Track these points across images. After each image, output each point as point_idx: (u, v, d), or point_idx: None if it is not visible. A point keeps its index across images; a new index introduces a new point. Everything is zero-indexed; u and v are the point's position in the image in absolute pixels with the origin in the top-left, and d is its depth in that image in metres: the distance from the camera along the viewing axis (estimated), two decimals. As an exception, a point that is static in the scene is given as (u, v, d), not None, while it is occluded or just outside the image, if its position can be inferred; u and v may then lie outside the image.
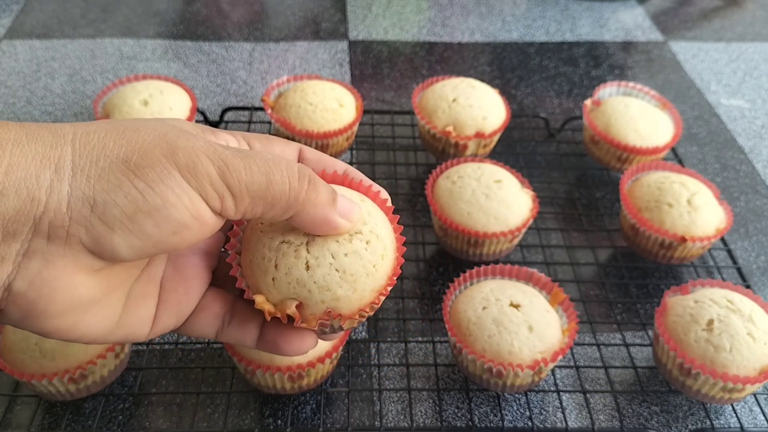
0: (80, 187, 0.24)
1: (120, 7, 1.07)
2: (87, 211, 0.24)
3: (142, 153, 0.24)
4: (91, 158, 0.24)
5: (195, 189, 0.25)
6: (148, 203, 0.24)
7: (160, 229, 0.25)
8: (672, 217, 0.63)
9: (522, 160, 0.80)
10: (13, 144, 0.23)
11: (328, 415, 0.54)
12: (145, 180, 0.24)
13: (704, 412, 0.56)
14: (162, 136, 0.25)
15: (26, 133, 0.24)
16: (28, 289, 0.24)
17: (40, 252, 0.24)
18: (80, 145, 0.24)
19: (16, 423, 0.52)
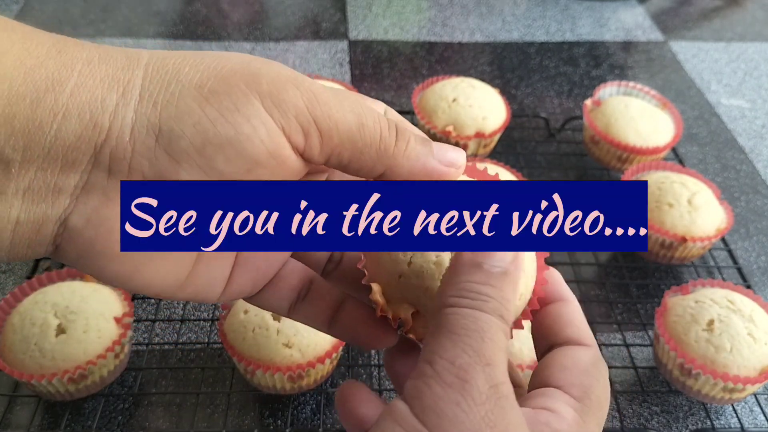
0: (145, 113, 0.22)
1: (120, 7, 1.07)
2: (151, 141, 0.22)
3: (219, 78, 0.22)
4: (162, 83, 0.22)
5: (276, 120, 0.22)
6: (219, 134, 0.22)
7: (232, 165, 0.22)
8: (672, 217, 0.63)
9: (522, 159, 0.80)
10: (83, 63, 0.22)
11: (328, 416, 0.53)
12: (219, 108, 0.22)
13: (705, 413, 0.56)
14: (246, 62, 0.23)
15: (99, 54, 0.22)
16: (86, 226, 0.22)
17: (100, 187, 0.22)
18: (153, 69, 0.22)
19: (15, 423, 0.51)
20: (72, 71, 0.21)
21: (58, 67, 0.21)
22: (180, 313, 0.61)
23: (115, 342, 0.50)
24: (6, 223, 0.21)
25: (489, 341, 0.21)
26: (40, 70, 0.21)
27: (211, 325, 0.59)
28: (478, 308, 0.22)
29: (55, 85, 0.21)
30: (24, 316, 0.50)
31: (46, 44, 0.21)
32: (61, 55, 0.21)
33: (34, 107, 0.21)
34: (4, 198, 0.21)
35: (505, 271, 0.23)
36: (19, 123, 0.20)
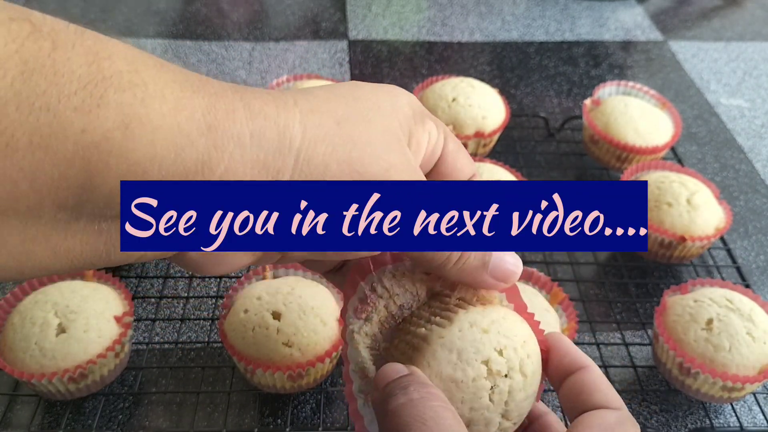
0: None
1: (120, 7, 1.07)
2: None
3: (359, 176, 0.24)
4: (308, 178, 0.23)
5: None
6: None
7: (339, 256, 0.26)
8: (671, 216, 0.63)
9: (522, 159, 0.80)
10: (234, 144, 0.22)
11: (328, 415, 0.54)
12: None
13: (704, 412, 0.56)
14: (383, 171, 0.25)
15: (251, 134, 0.22)
16: (200, 258, 0.24)
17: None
18: (304, 161, 0.23)
19: (16, 422, 0.52)
20: (222, 154, 0.21)
21: (209, 148, 0.21)
22: (180, 312, 0.61)
23: (116, 341, 0.50)
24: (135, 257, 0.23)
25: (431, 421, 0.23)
26: (190, 150, 0.21)
27: (211, 324, 0.59)
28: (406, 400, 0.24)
29: (205, 168, 0.21)
30: (24, 316, 0.50)
31: (197, 115, 0.21)
32: (211, 131, 0.21)
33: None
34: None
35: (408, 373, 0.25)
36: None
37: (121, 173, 0.20)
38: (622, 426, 0.26)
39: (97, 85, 0.19)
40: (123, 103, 0.19)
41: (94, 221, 0.21)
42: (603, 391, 0.27)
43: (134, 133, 0.20)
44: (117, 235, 0.22)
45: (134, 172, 0.20)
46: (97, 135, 0.19)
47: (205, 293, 0.63)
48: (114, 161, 0.19)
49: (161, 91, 0.20)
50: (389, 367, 0.26)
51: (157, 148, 0.20)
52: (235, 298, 0.53)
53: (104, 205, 0.20)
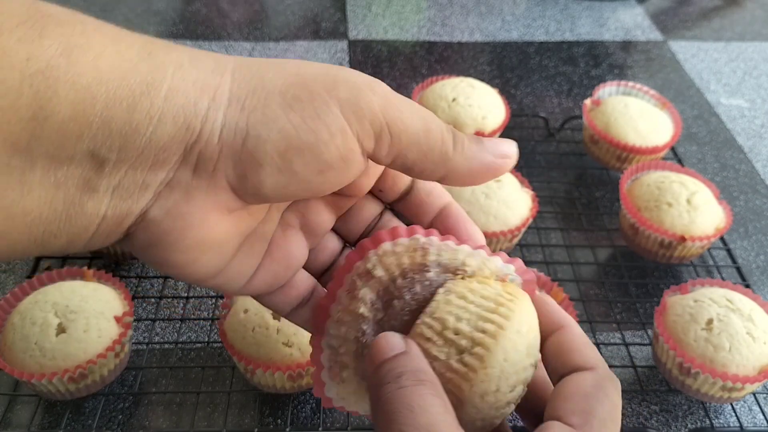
0: (234, 118, 0.23)
1: (119, 7, 1.07)
2: (238, 143, 0.23)
3: (301, 85, 0.23)
4: (248, 88, 0.23)
5: (352, 127, 0.24)
6: (301, 139, 0.23)
7: (307, 167, 0.24)
8: (671, 216, 0.63)
9: (521, 159, 0.80)
10: (174, 67, 0.22)
11: (328, 415, 0.54)
12: (301, 115, 0.23)
13: (704, 412, 0.56)
14: (324, 69, 0.24)
15: (189, 57, 0.23)
16: (164, 219, 0.23)
17: (184, 184, 0.23)
18: (240, 74, 0.23)
19: (16, 422, 0.52)
20: (165, 75, 0.22)
21: (151, 70, 0.22)
22: (180, 312, 0.61)
23: (116, 341, 0.50)
24: (94, 218, 0.23)
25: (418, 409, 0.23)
26: (134, 73, 0.21)
27: (211, 324, 0.59)
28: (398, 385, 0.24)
29: (150, 89, 0.22)
30: (24, 316, 0.50)
31: (135, 46, 0.22)
32: (152, 57, 0.22)
33: (131, 111, 0.21)
34: (95, 195, 0.22)
35: (403, 352, 0.25)
36: (117, 126, 0.21)
37: (69, 99, 0.20)
38: (599, 387, 0.25)
39: (38, 21, 0.20)
40: (64, 33, 0.20)
41: (49, 169, 0.21)
42: (579, 350, 0.27)
43: (78, 58, 0.20)
44: (74, 189, 0.22)
45: (83, 97, 0.20)
46: (41, 62, 0.20)
47: (205, 293, 0.63)
48: (62, 87, 0.20)
49: (100, 28, 0.22)
50: (385, 339, 0.25)
51: (102, 72, 0.21)
52: (235, 298, 0.53)
53: (58, 140, 0.21)
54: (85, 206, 0.22)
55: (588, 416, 0.24)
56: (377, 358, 0.25)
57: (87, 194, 0.22)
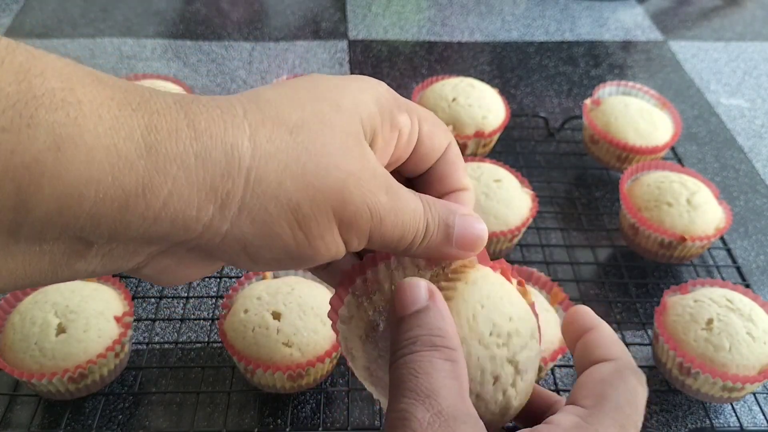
0: (241, 228, 0.23)
1: (120, 7, 1.07)
2: (239, 248, 0.23)
3: (312, 203, 0.23)
4: (262, 202, 0.22)
5: (344, 239, 0.25)
6: (300, 254, 0.24)
7: (299, 264, 0.25)
8: (671, 216, 0.63)
9: (521, 159, 0.80)
10: (177, 167, 0.21)
11: (328, 415, 0.54)
12: (306, 233, 0.24)
13: (704, 412, 0.56)
14: (340, 182, 0.23)
15: (195, 152, 0.21)
16: (152, 274, 0.25)
17: (178, 255, 0.24)
18: (255, 181, 0.22)
19: (16, 422, 0.52)
20: (165, 178, 0.20)
21: (150, 171, 0.20)
22: (180, 312, 0.61)
23: (115, 341, 0.50)
24: (82, 275, 0.23)
25: (423, 375, 0.23)
26: (130, 174, 0.20)
27: (211, 324, 0.59)
28: (409, 352, 0.24)
29: (146, 191, 0.20)
30: (24, 316, 0.50)
31: (136, 135, 0.20)
32: (152, 154, 0.20)
33: (123, 212, 0.20)
34: (83, 260, 0.22)
35: (423, 308, 0.25)
36: (106, 223, 0.20)
37: (55, 196, 0.19)
38: (617, 374, 0.25)
39: (27, 104, 0.18)
40: (55, 123, 0.18)
41: (34, 244, 0.20)
42: (605, 345, 0.27)
43: (67, 154, 0.19)
44: (61, 256, 0.21)
45: (69, 194, 0.19)
46: (27, 156, 0.18)
47: (205, 293, 0.63)
48: (47, 183, 0.19)
49: (97, 111, 0.19)
50: (410, 288, 0.26)
51: (92, 171, 0.19)
52: (235, 298, 0.53)
53: (41, 228, 0.20)
54: (74, 267, 0.22)
55: (601, 398, 0.24)
56: (400, 311, 0.25)
57: (75, 259, 0.22)
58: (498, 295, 0.27)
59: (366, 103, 0.26)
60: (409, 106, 0.28)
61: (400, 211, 0.25)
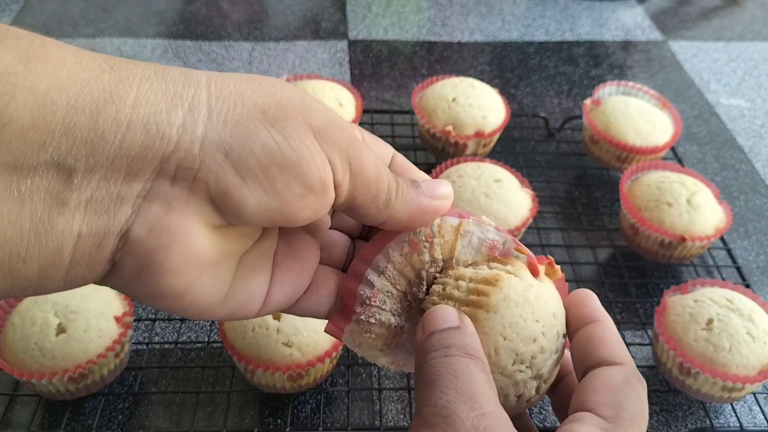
0: (216, 129, 0.22)
1: (120, 7, 1.07)
2: (221, 156, 0.22)
3: (279, 107, 0.23)
4: (228, 103, 0.23)
5: (326, 153, 0.24)
6: (284, 156, 0.23)
7: (289, 188, 0.23)
8: (671, 216, 0.63)
9: (521, 159, 0.80)
10: (140, 79, 0.22)
11: (328, 415, 0.54)
12: (283, 133, 0.23)
13: (704, 412, 0.56)
14: (299, 96, 0.24)
15: (155, 72, 0.22)
16: (147, 236, 0.22)
17: (162, 195, 0.22)
18: (216, 89, 0.23)
19: (16, 422, 0.52)
20: (130, 85, 0.21)
21: (115, 81, 0.21)
22: (180, 312, 0.61)
23: (116, 341, 0.50)
24: (68, 237, 0.21)
25: (462, 377, 0.23)
26: (96, 82, 0.21)
27: (211, 324, 0.59)
28: (445, 354, 0.24)
29: (115, 97, 0.21)
30: (24, 316, 0.50)
31: (97, 60, 0.21)
32: (115, 70, 0.21)
33: (95, 118, 0.20)
34: (66, 210, 0.21)
35: (456, 327, 0.25)
36: (81, 133, 0.20)
37: (29, 105, 0.19)
38: (629, 384, 0.25)
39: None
40: (22, 45, 0.20)
41: (11, 182, 0.20)
42: (610, 345, 0.27)
43: (37, 66, 0.20)
44: (42, 205, 0.20)
45: (42, 103, 0.20)
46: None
47: (205, 293, 0.63)
48: (20, 93, 0.19)
49: (60, 45, 0.21)
50: (441, 311, 0.25)
51: (61, 81, 0.20)
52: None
53: (19, 148, 0.20)
54: (56, 223, 0.21)
55: (619, 410, 0.24)
56: (429, 328, 0.25)
57: (56, 209, 0.21)
58: (522, 318, 0.26)
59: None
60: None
61: (366, 145, 0.26)
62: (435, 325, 0.25)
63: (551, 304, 0.28)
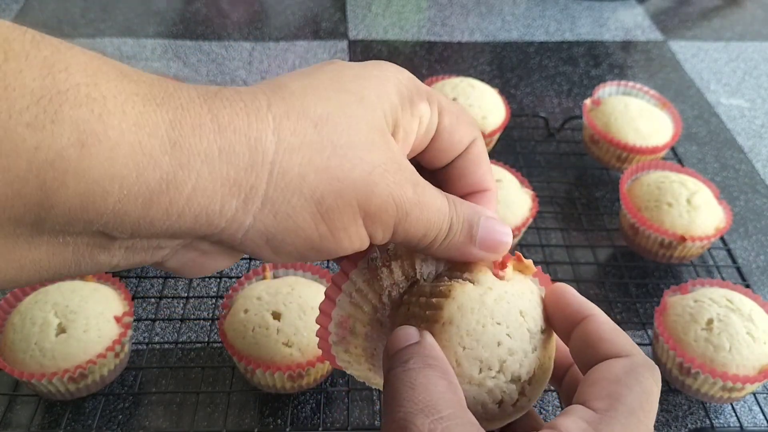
0: (264, 221, 0.23)
1: (120, 7, 1.07)
2: (262, 241, 0.23)
3: (337, 195, 0.23)
4: (285, 194, 0.22)
5: (369, 232, 0.25)
6: (322, 247, 0.24)
7: (320, 257, 0.25)
8: (672, 216, 0.63)
9: (521, 159, 0.80)
10: (201, 162, 0.21)
11: (328, 415, 0.54)
12: (330, 226, 0.24)
13: (704, 412, 0.56)
14: (366, 175, 0.23)
15: (219, 148, 0.21)
16: (176, 266, 0.25)
17: (201, 248, 0.24)
18: (278, 174, 0.22)
19: (16, 422, 0.52)
20: (190, 172, 0.20)
21: (174, 167, 0.20)
22: (180, 312, 0.61)
23: (116, 341, 0.50)
24: (105, 267, 0.23)
25: (420, 387, 0.23)
26: (154, 169, 0.20)
27: (211, 324, 0.59)
28: (402, 369, 0.24)
29: (170, 187, 0.20)
30: (24, 316, 0.50)
31: (160, 131, 0.20)
32: (176, 149, 0.20)
33: (147, 208, 0.20)
34: (107, 252, 0.22)
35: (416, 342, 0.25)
36: (129, 220, 0.20)
37: (79, 192, 0.19)
38: (631, 374, 0.24)
39: (52, 100, 0.18)
40: (79, 119, 0.18)
41: (57, 236, 0.20)
42: (609, 339, 0.26)
43: (91, 151, 0.19)
44: (85, 247, 0.21)
45: (93, 191, 0.19)
46: (51, 153, 0.18)
47: (205, 293, 0.63)
48: (71, 180, 0.19)
49: (122, 106, 0.19)
50: (401, 331, 0.26)
51: (116, 167, 0.19)
52: (235, 298, 0.53)
53: (65, 222, 0.20)
54: (97, 258, 0.22)
55: (614, 401, 0.23)
56: (392, 348, 0.25)
57: (98, 251, 0.22)
58: (480, 324, 0.26)
59: (388, 93, 0.25)
60: (430, 95, 0.27)
61: (426, 206, 0.25)
62: (397, 346, 0.25)
63: (516, 303, 0.27)
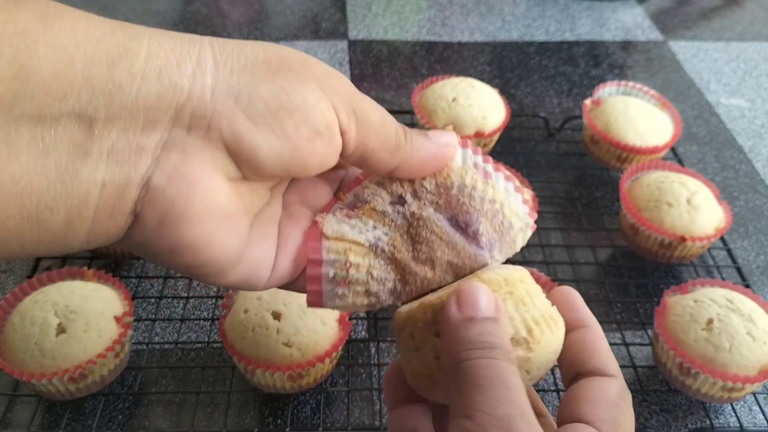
0: (224, 78, 0.24)
1: (119, 7, 1.07)
2: (231, 102, 0.24)
3: (280, 58, 0.25)
4: (231, 57, 0.24)
5: (329, 98, 0.25)
6: (291, 100, 0.24)
7: (298, 131, 0.25)
8: (671, 216, 0.63)
9: (521, 159, 0.80)
10: (149, 37, 0.23)
11: (328, 415, 0.54)
12: (287, 80, 0.24)
13: (704, 412, 0.56)
14: (294, 52, 0.26)
15: (162, 32, 0.24)
16: (167, 184, 0.23)
17: (180, 143, 0.23)
18: (218, 46, 0.24)
19: (16, 422, 0.52)
20: (141, 42, 0.23)
21: (127, 38, 0.22)
22: (180, 312, 0.61)
23: (116, 341, 0.50)
24: (92, 187, 0.22)
25: (513, 387, 0.23)
26: (110, 39, 0.22)
27: (211, 324, 0.59)
28: (490, 356, 0.23)
29: (128, 52, 0.22)
30: (24, 316, 0.50)
31: (108, 21, 0.23)
32: (125, 29, 0.23)
33: (111, 70, 0.22)
34: (89, 160, 0.22)
35: (494, 318, 0.24)
36: (99, 84, 0.22)
37: (50, 58, 0.21)
38: (624, 398, 0.26)
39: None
40: (38, 6, 0.21)
41: (36, 132, 0.21)
42: (602, 354, 0.27)
43: (54, 24, 0.21)
44: (66, 155, 0.22)
45: (62, 57, 0.21)
46: (19, 25, 0.20)
47: (205, 293, 0.63)
48: (41, 48, 0.21)
49: (71, 8, 0.22)
50: (479, 293, 0.25)
51: (78, 37, 0.21)
52: (235, 298, 0.53)
53: (42, 99, 0.21)
54: (80, 172, 0.22)
55: (616, 427, 0.25)
56: (467, 310, 0.24)
57: (80, 159, 0.22)
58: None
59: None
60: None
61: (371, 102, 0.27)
62: (473, 309, 0.24)
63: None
